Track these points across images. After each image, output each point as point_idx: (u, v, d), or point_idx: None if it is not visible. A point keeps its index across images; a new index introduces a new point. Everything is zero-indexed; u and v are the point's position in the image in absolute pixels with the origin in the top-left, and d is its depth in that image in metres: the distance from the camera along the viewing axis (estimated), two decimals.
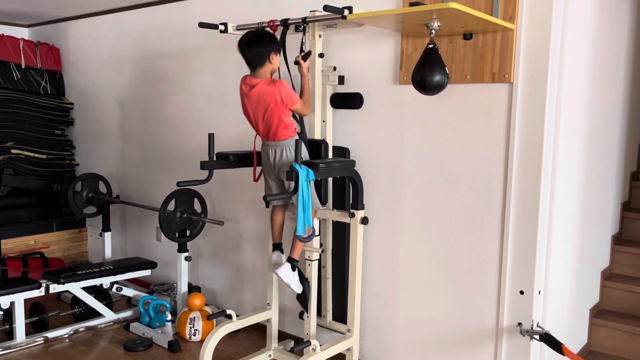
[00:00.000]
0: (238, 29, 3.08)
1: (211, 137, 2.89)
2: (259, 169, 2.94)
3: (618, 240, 3.73)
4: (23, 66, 4.85)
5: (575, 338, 3.17)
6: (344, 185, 3.03)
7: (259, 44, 2.63)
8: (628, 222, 3.80)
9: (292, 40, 2.95)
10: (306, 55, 2.80)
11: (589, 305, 3.37)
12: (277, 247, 3.00)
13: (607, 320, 3.33)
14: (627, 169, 3.86)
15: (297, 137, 2.72)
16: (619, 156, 3.63)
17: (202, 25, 3.07)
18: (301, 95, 2.77)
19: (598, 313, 3.43)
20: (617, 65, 3.43)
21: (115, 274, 3.79)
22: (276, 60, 2.69)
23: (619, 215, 3.77)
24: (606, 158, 3.42)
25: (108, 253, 4.36)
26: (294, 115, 2.76)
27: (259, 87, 2.66)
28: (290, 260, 2.84)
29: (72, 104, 5.10)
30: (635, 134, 3.98)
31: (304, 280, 2.96)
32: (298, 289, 2.88)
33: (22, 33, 5.33)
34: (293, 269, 2.84)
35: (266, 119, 2.69)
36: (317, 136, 2.97)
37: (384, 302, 3.06)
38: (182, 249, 3.72)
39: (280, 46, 2.72)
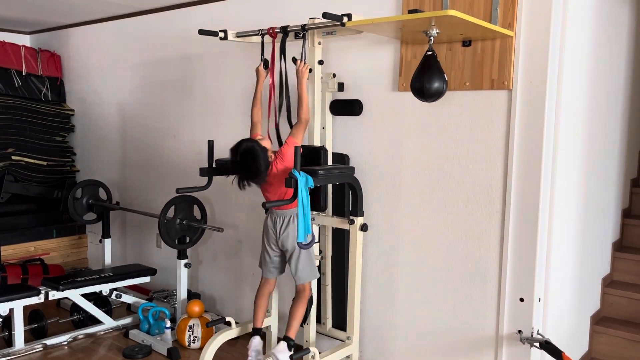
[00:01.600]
0: (238, 36, 3.09)
1: (211, 143, 2.90)
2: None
3: (619, 247, 3.72)
4: (24, 73, 4.87)
5: (575, 345, 3.15)
6: (343, 192, 3.03)
7: (257, 167, 2.64)
8: (628, 228, 3.79)
9: (292, 47, 2.96)
10: (294, 60, 2.80)
11: (590, 313, 3.35)
12: (258, 332, 2.91)
13: (608, 327, 3.31)
14: (628, 176, 3.86)
15: None
16: (619, 162, 3.62)
17: (202, 32, 3.07)
18: (299, 105, 2.77)
19: (599, 320, 3.41)
20: (617, 71, 3.43)
21: (114, 281, 3.78)
22: (270, 152, 2.71)
23: (619, 222, 3.76)
24: (606, 164, 3.41)
25: (108, 260, 4.36)
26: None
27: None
28: (286, 339, 2.75)
29: (73, 110, 5.11)
30: (636, 140, 3.97)
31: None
32: None
33: (24, 40, 5.35)
34: (290, 349, 2.73)
35: (279, 191, 2.73)
36: (317, 143, 2.97)
37: (383, 309, 3.04)
38: (181, 255, 3.71)
39: (265, 153, 2.70)
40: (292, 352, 2.72)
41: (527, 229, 2.52)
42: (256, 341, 2.87)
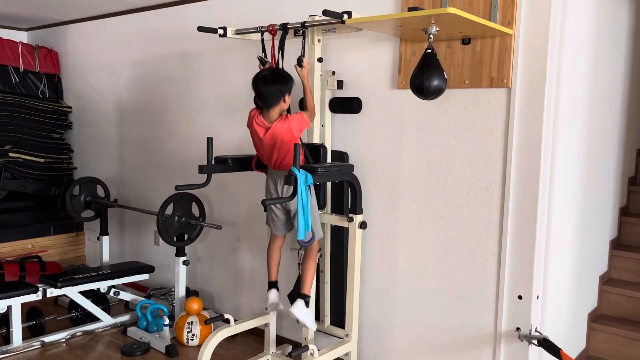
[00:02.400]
0: (237, 33, 3.08)
1: (209, 141, 2.89)
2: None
3: (616, 245, 3.73)
4: (21, 70, 4.85)
5: (573, 343, 3.17)
6: (342, 190, 3.03)
7: (277, 82, 2.64)
8: (626, 227, 3.80)
9: (292, 44, 2.95)
10: (298, 60, 2.79)
11: (587, 310, 3.37)
12: (274, 285, 2.94)
13: (605, 325, 3.33)
14: (625, 174, 3.87)
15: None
16: (617, 161, 3.63)
17: (201, 29, 3.07)
18: (305, 104, 2.78)
19: (596, 318, 3.42)
20: (616, 70, 3.44)
21: (112, 278, 3.78)
22: (288, 100, 2.70)
23: (617, 220, 3.77)
24: (604, 163, 3.42)
25: (106, 257, 4.35)
26: None
27: (273, 129, 2.68)
28: (302, 296, 2.77)
29: (71, 107, 5.10)
30: (634, 138, 3.99)
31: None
32: (314, 326, 2.82)
33: (21, 37, 5.33)
34: (307, 305, 2.76)
35: (280, 152, 2.71)
36: (316, 140, 2.97)
37: (382, 307, 3.05)
38: (180, 253, 3.71)
39: (291, 86, 2.70)
40: (308, 308, 2.77)
41: (526, 227, 2.53)
42: (272, 294, 2.90)
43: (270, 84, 2.63)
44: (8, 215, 4.66)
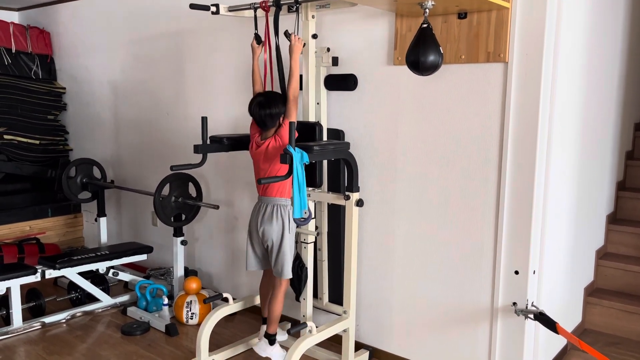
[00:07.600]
0: (230, 10, 3.03)
1: (204, 120, 2.87)
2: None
3: (613, 219, 3.75)
4: (13, 51, 4.80)
5: (569, 317, 3.20)
6: (338, 168, 3.02)
7: (271, 106, 2.68)
8: (623, 201, 3.81)
9: (286, 21, 2.91)
10: (285, 33, 2.77)
11: (584, 284, 3.39)
12: (266, 321, 2.95)
13: (602, 298, 3.36)
14: (622, 148, 3.86)
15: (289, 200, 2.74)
16: (614, 135, 3.62)
17: (193, 6, 3.02)
18: (287, 90, 2.74)
19: (592, 292, 3.45)
20: (614, 43, 3.40)
21: (111, 259, 3.79)
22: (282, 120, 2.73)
23: (613, 195, 3.78)
24: (601, 137, 3.41)
25: (104, 238, 4.36)
26: None
27: (265, 147, 2.73)
28: (267, 336, 2.83)
29: (64, 88, 5.05)
30: (631, 112, 3.97)
31: (301, 266, 2.96)
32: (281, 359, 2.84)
33: (12, 17, 5.26)
34: (271, 344, 2.84)
35: (269, 172, 2.73)
36: (312, 118, 2.95)
37: (379, 284, 3.07)
38: (177, 233, 3.71)
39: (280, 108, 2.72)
40: (273, 346, 2.84)
41: (523, 202, 2.53)
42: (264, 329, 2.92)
43: (266, 108, 2.68)
44: (5, 197, 4.66)
